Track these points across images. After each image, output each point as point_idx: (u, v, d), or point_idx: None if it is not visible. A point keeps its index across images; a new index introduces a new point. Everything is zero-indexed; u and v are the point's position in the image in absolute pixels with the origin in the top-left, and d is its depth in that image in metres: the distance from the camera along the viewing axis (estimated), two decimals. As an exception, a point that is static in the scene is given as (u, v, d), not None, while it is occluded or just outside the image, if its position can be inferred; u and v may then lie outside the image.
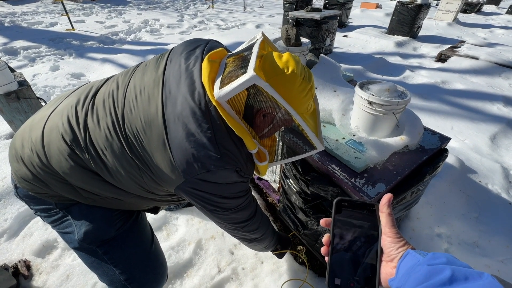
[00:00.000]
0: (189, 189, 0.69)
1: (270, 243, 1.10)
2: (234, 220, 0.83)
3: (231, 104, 0.67)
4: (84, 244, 0.80)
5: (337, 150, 1.04)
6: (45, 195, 0.77)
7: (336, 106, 1.18)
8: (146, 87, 0.70)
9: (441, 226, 1.51)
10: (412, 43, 5.34)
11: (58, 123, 0.72)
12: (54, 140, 0.71)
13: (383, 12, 8.33)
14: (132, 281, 0.85)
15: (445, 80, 3.60)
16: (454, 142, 2.32)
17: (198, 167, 0.64)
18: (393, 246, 0.40)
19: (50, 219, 0.82)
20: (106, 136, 0.69)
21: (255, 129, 0.76)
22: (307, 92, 0.70)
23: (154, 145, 0.66)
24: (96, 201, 0.79)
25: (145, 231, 0.94)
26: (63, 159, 0.70)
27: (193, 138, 0.64)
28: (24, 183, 0.75)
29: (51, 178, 0.73)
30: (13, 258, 1.38)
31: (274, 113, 0.73)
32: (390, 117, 1.02)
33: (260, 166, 0.77)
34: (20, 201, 1.65)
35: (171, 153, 0.65)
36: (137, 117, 0.67)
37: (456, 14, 7.03)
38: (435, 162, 1.07)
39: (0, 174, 1.81)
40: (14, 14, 6.60)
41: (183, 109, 0.65)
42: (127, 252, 0.85)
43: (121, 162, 0.69)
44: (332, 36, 4.28)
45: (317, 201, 1.12)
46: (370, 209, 0.45)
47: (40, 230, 1.51)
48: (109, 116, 0.70)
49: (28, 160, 0.73)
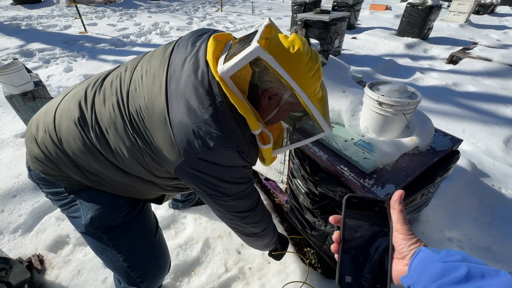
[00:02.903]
0: (189, 169, 0.67)
1: (271, 240, 1.06)
2: (234, 208, 0.81)
3: (235, 81, 0.66)
4: (90, 229, 0.82)
5: (345, 150, 1.04)
6: (56, 177, 0.79)
7: (345, 107, 1.18)
8: (152, 68, 0.71)
9: (452, 230, 1.48)
10: (423, 45, 5.26)
11: (69, 105, 0.75)
12: (64, 121, 0.73)
13: (393, 14, 8.24)
14: (134, 268, 0.87)
15: (456, 82, 3.53)
16: (466, 145, 2.27)
17: (198, 145, 0.63)
18: (405, 243, 0.39)
19: (60, 202, 0.84)
20: (110, 114, 0.70)
21: (261, 113, 0.75)
22: (314, 73, 0.67)
23: (155, 123, 0.66)
24: (102, 185, 0.80)
25: (150, 221, 0.94)
26: (71, 139, 0.72)
27: (194, 115, 0.63)
28: (36, 164, 0.78)
29: (61, 159, 0.74)
30: (27, 253, 1.42)
31: (280, 94, 0.71)
32: (400, 118, 1.01)
33: (264, 150, 0.75)
34: (35, 198, 1.70)
35: (172, 130, 0.64)
36: (141, 95, 0.68)
37: (468, 15, 6.90)
38: (446, 164, 1.05)
39: (16, 171, 1.87)
40: (30, 18, 6.83)
41: (185, 86, 0.64)
42: (131, 240, 0.86)
43: (124, 140, 0.69)
44: (341, 38, 4.26)
45: (325, 201, 1.11)
46: (380, 206, 0.44)
47: (53, 225, 1.56)
48: (114, 95, 0.71)
49: (41, 141, 0.75)
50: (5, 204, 1.65)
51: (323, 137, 0.90)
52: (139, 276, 0.88)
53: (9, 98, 2.05)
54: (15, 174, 1.83)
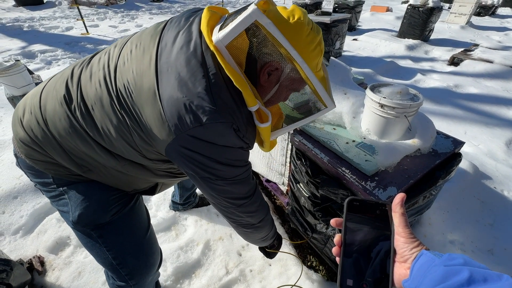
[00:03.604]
0: (180, 148, 0.62)
1: (268, 234, 1.00)
2: (229, 194, 0.75)
3: (231, 52, 0.61)
4: (78, 226, 0.79)
5: (347, 152, 1.03)
6: (42, 165, 0.75)
7: (347, 109, 1.18)
8: (143, 42, 0.67)
9: (454, 233, 1.48)
10: (424, 47, 5.26)
11: (55, 84, 0.72)
12: (50, 101, 0.70)
13: (394, 15, 8.25)
14: (123, 266, 0.85)
15: (458, 84, 3.53)
16: (467, 147, 2.26)
17: (190, 120, 0.58)
18: (407, 246, 0.39)
19: (49, 194, 0.81)
20: (96, 90, 0.66)
21: (259, 91, 0.70)
22: (316, 46, 0.63)
23: (144, 98, 0.61)
24: (91, 172, 0.76)
25: (141, 218, 0.91)
26: (57, 120, 0.68)
27: (186, 88, 0.58)
28: (22, 148, 0.74)
29: (47, 142, 0.71)
30: (28, 254, 1.42)
31: (280, 69, 0.66)
32: (402, 120, 1.00)
33: (262, 129, 0.70)
34: (36, 199, 1.70)
35: (162, 105, 0.59)
36: (129, 69, 0.64)
37: (469, 17, 6.90)
38: (448, 167, 1.05)
39: (17, 172, 1.87)
40: (33, 19, 6.87)
41: (177, 58, 0.60)
42: (121, 238, 0.84)
43: (110, 118, 0.65)
44: (342, 39, 4.26)
45: (326, 204, 1.11)
46: (382, 209, 0.44)
47: (53, 227, 1.56)
48: (101, 71, 0.67)
49: (26, 123, 0.72)
50: (6, 205, 1.65)
51: (325, 118, 0.83)
52: (127, 273, 0.87)
53: (11, 99, 2.06)
54: (16, 176, 1.84)
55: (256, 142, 0.82)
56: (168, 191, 1.79)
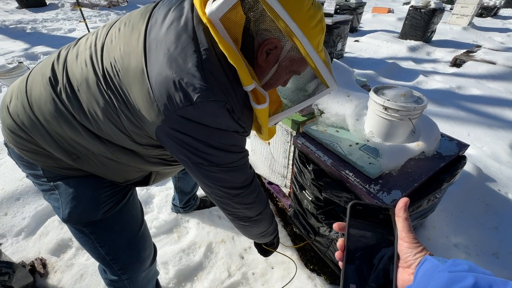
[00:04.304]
0: (170, 130, 0.58)
1: (267, 229, 0.94)
2: (224, 182, 0.70)
3: (226, 25, 0.57)
4: (69, 223, 0.79)
5: (350, 155, 1.03)
6: (31, 155, 0.73)
7: (350, 111, 1.17)
8: (132, 20, 0.64)
9: (458, 236, 1.46)
10: (426, 48, 5.25)
11: (42, 67, 0.70)
12: (36, 85, 0.68)
13: (395, 16, 8.25)
14: (116, 261, 0.85)
15: (460, 86, 3.51)
16: (471, 149, 2.25)
17: (180, 99, 0.54)
18: (410, 251, 0.39)
19: (40, 187, 0.79)
20: (82, 69, 0.63)
21: (257, 71, 0.66)
22: (317, 23, 0.59)
23: (131, 76, 0.58)
24: (80, 159, 0.73)
25: (134, 215, 0.89)
26: (43, 104, 0.66)
27: (176, 64, 0.54)
28: (10, 137, 0.72)
29: (33, 128, 0.68)
30: (30, 256, 1.42)
31: (279, 47, 0.62)
32: (406, 123, 1.00)
33: (259, 112, 0.65)
34: (38, 201, 1.70)
35: (150, 83, 0.55)
36: (117, 46, 0.61)
37: (471, 18, 6.89)
38: (453, 170, 1.04)
39: (19, 174, 1.87)
40: (35, 21, 6.91)
41: (166, 34, 0.57)
42: (113, 235, 0.83)
43: (97, 99, 0.62)
44: (344, 41, 4.26)
45: (329, 207, 1.10)
46: (385, 213, 0.44)
47: (56, 229, 1.56)
48: (88, 50, 0.64)
49: (13, 109, 0.70)
50: (9, 207, 1.65)
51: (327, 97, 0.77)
52: (120, 269, 0.87)
53: (14, 101, 2.07)
54: (19, 177, 1.84)
55: (254, 129, 0.79)
56: (170, 194, 1.78)
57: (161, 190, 1.84)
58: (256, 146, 1.76)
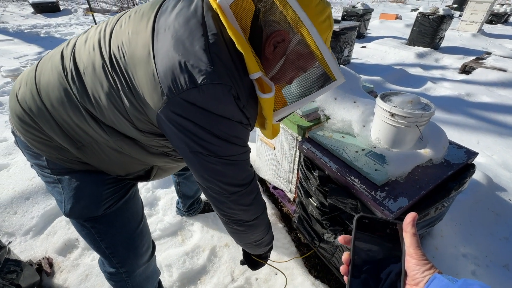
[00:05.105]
0: (172, 115, 0.56)
1: (263, 238, 0.90)
2: (221, 176, 0.67)
3: (236, 13, 0.57)
4: (71, 218, 0.81)
5: (356, 161, 1.02)
6: (36, 143, 0.73)
7: (356, 117, 1.17)
8: (143, 8, 0.65)
9: (467, 246, 1.43)
10: (434, 54, 5.21)
11: (52, 55, 0.71)
12: (45, 71, 0.69)
13: (403, 23, 8.22)
14: (115, 255, 0.87)
15: (470, 93, 3.46)
16: (480, 158, 2.20)
17: (184, 81, 0.53)
18: (418, 269, 0.37)
19: (44, 178, 0.81)
20: (89, 53, 0.63)
21: (264, 64, 0.66)
22: (326, 19, 0.60)
23: (137, 58, 0.57)
24: (84, 147, 0.73)
25: (134, 212, 0.91)
26: (50, 89, 0.67)
27: (182, 46, 0.54)
28: (18, 124, 0.73)
29: (40, 115, 0.69)
30: (37, 255, 1.44)
31: (287, 40, 0.62)
32: (413, 130, 0.99)
33: (265, 102, 0.64)
34: (46, 200, 1.73)
35: (155, 65, 0.55)
36: (125, 30, 0.61)
37: (481, 25, 6.82)
38: (461, 178, 1.02)
39: (29, 174, 1.92)
40: (49, 26, 7.13)
41: (175, 19, 0.57)
42: (113, 230, 0.85)
43: (101, 82, 0.62)
44: (351, 47, 4.26)
45: (335, 213, 1.09)
46: (392, 228, 0.43)
47: (63, 229, 1.58)
48: (97, 35, 0.65)
49: (21, 96, 0.71)
50: (18, 206, 1.68)
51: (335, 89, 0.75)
52: (118, 262, 0.89)
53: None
54: (28, 177, 1.88)
55: (258, 125, 0.78)
56: (175, 197, 1.80)
57: (166, 192, 1.85)
58: (262, 151, 1.76)
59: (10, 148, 2.23)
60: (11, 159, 2.11)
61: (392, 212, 0.85)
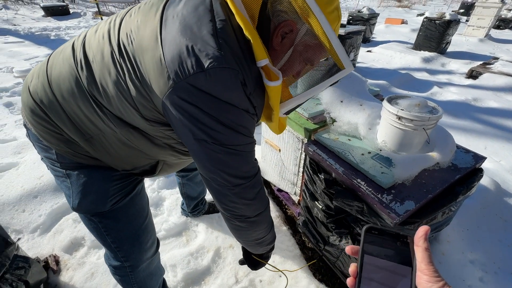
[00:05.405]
0: (178, 100, 0.56)
1: (265, 236, 0.88)
2: (226, 167, 0.65)
3: (244, 1, 0.58)
4: (78, 212, 0.83)
5: (362, 164, 1.02)
6: (46, 135, 0.75)
7: (362, 120, 1.17)
8: (152, 0, 0.66)
9: (474, 252, 1.41)
10: (440, 59, 5.18)
11: (63, 48, 0.73)
12: (56, 62, 0.71)
13: (409, 27, 8.20)
14: (120, 249, 0.90)
15: (477, 98, 3.43)
16: (488, 163, 2.18)
17: (191, 65, 0.53)
18: (430, 286, 0.35)
19: (54, 172, 0.82)
20: (98, 42, 0.65)
21: (271, 55, 0.65)
22: (334, 9, 0.59)
23: (145, 44, 0.58)
24: (93, 139, 0.74)
25: (140, 208, 0.93)
26: (61, 80, 0.68)
27: (190, 31, 0.54)
28: (29, 116, 0.74)
29: (51, 106, 0.70)
30: (44, 253, 1.46)
31: (296, 30, 0.62)
32: (420, 133, 0.99)
33: (271, 90, 0.62)
34: (54, 199, 1.76)
35: (162, 50, 0.55)
36: (135, 19, 0.63)
37: (488, 30, 6.77)
38: (469, 182, 1.01)
39: (38, 173, 1.95)
40: (59, 28, 7.27)
41: (184, 6, 0.58)
42: (119, 225, 0.87)
43: (109, 69, 0.63)
44: (356, 51, 4.26)
45: (340, 215, 1.09)
46: (403, 240, 0.40)
47: (69, 227, 1.60)
48: (107, 25, 0.67)
49: (33, 88, 0.73)
50: (27, 204, 1.71)
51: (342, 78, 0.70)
52: (123, 256, 0.91)
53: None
54: (37, 176, 1.91)
55: (264, 117, 0.77)
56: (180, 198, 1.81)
57: (171, 193, 1.87)
58: (267, 153, 1.77)
59: (20, 147, 2.27)
60: (20, 158, 2.15)
61: (399, 215, 0.85)
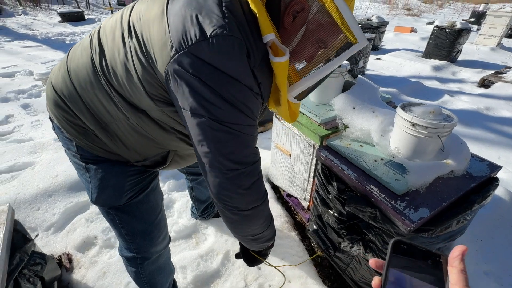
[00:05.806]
0: (179, 70, 0.54)
1: (261, 233, 0.83)
2: (223, 147, 0.62)
3: None
4: (97, 204, 0.89)
5: (375, 170, 1.02)
6: (67, 126, 0.78)
7: (375, 127, 1.17)
8: None
9: (489, 264, 1.38)
10: (451, 68, 5.13)
11: (82, 40, 0.77)
12: (75, 55, 0.74)
13: (418, 36, 8.17)
14: (133, 241, 0.95)
15: (489, 107, 3.38)
16: (502, 173, 2.13)
17: (194, 33, 0.52)
18: None
19: (75, 165, 0.87)
20: (111, 26, 0.67)
21: (282, 35, 0.64)
22: None
23: (152, 18, 0.59)
24: (108, 126, 0.75)
25: (154, 204, 0.97)
26: (79, 70, 0.71)
27: (196, 2, 0.55)
28: (53, 108, 0.78)
29: (70, 97, 0.74)
30: (58, 251, 1.49)
31: (307, 8, 0.59)
32: (435, 140, 0.99)
33: (278, 67, 0.59)
34: (68, 198, 1.80)
35: (167, 20, 0.55)
36: (144, 2, 0.65)
37: (500, 39, 6.69)
38: (485, 191, 1.00)
39: (53, 172, 2.00)
40: (74, 34, 7.52)
41: None
42: (133, 220, 0.92)
43: (119, 49, 0.64)
44: (365, 58, 4.27)
45: (352, 221, 1.09)
46: (435, 259, 0.36)
47: (82, 226, 1.63)
48: (120, 12, 0.70)
49: (55, 81, 0.77)
50: (42, 202, 1.76)
51: None
52: (135, 248, 0.97)
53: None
54: (52, 175, 1.96)
55: (273, 102, 0.74)
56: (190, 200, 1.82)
57: (182, 195, 1.89)
58: (277, 158, 1.78)
59: (36, 147, 2.34)
60: (36, 157, 2.21)
61: (413, 222, 0.85)
